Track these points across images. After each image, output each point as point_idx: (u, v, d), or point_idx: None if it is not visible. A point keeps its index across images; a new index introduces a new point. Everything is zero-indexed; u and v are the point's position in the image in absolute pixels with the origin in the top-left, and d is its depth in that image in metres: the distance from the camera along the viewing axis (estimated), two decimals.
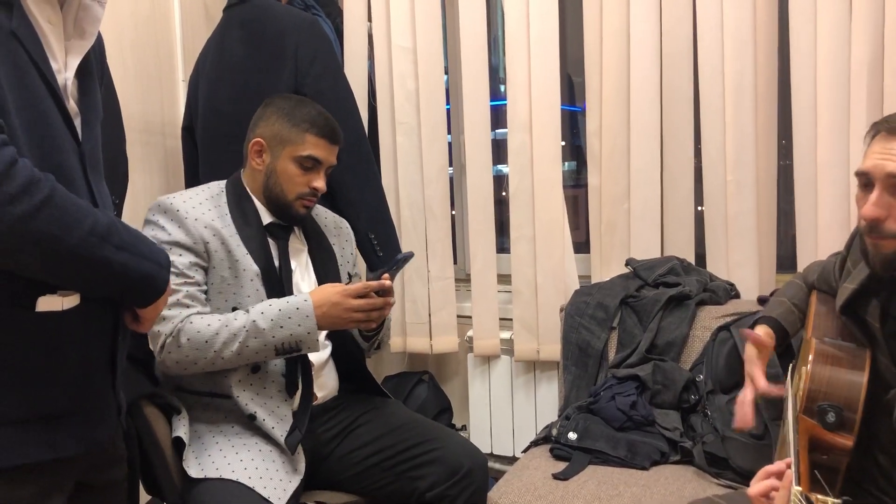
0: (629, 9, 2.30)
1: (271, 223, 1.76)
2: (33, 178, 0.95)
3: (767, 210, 2.27)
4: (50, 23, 1.08)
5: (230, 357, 1.59)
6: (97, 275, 1.05)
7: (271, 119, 1.75)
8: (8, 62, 0.99)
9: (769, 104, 2.24)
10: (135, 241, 1.09)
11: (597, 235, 2.44)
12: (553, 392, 2.50)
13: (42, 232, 0.95)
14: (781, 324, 1.62)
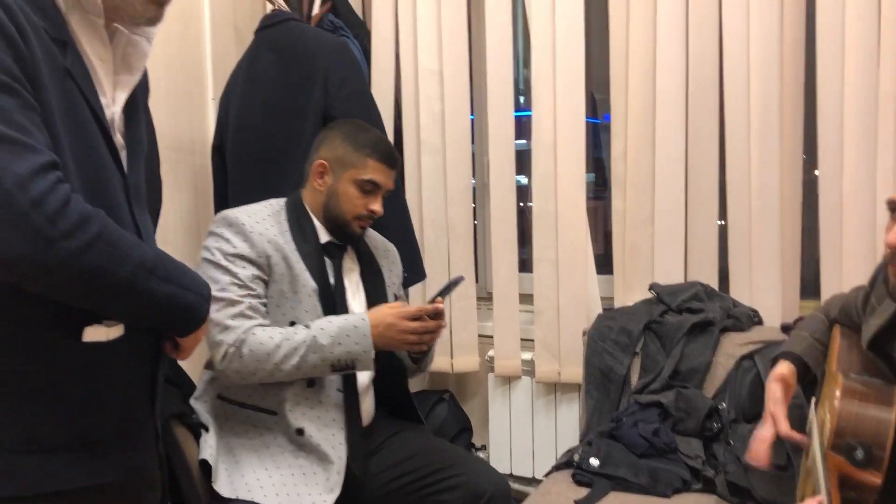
0: (655, 33, 2.31)
1: (328, 242, 1.82)
2: (86, 214, 0.98)
3: (791, 236, 2.27)
4: (101, 59, 1.12)
5: (289, 370, 1.64)
6: (143, 306, 1.08)
7: (335, 142, 1.82)
8: (62, 98, 1.03)
9: (795, 130, 2.24)
10: (179, 273, 1.12)
11: (620, 259, 2.45)
12: (574, 415, 2.51)
13: (94, 266, 0.98)
14: (804, 359, 1.61)
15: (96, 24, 1.09)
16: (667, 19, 2.29)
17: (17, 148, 0.93)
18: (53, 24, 1.04)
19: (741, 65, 2.22)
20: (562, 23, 2.41)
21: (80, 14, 1.08)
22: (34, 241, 0.92)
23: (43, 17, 1.03)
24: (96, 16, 1.09)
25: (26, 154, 0.93)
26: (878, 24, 2.05)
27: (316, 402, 1.71)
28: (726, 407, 1.97)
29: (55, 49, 1.03)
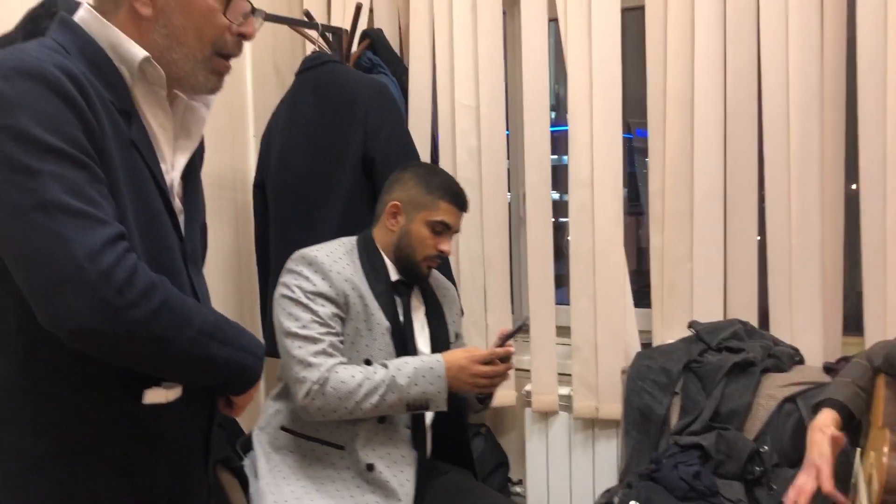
0: (693, 71, 2.31)
1: (397, 280, 1.87)
2: (151, 283, 1.01)
3: (833, 271, 2.25)
4: (162, 127, 1.16)
5: (368, 409, 1.69)
6: (203, 370, 1.11)
7: (408, 184, 1.88)
8: (126, 167, 1.07)
9: (836, 164, 2.22)
10: (236, 336, 1.15)
11: (658, 295, 2.44)
12: (612, 452, 2.49)
13: (159, 334, 1.02)
14: (848, 407, 1.59)
15: (159, 94, 1.14)
16: (704, 55, 2.28)
17: (88, 221, 0.97)
18: (119, 96, 1.09)
19: (780, 102, 2.21)
20: (598, 59, 2.42)
21: (145, 85, 1.12)
22: (103, 312, 0.96)
23: (110, 90, 1.08)
24: (160, 87, 1.13)
25: (96, 227, 0.97)
26: None
27: (386, 439, 1.77)
28: (769, 450, 1.95)
29: (120, 120, 1.08)
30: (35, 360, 1.05)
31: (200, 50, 1.13)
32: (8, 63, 0.99)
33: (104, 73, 1.08)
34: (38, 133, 0.96)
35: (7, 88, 0.97)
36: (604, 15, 2.41)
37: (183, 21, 1.11)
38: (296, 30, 2.62)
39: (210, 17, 1.13)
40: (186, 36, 1.12)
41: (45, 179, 0.95)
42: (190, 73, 1.14)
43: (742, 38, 2.26)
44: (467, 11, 2.60)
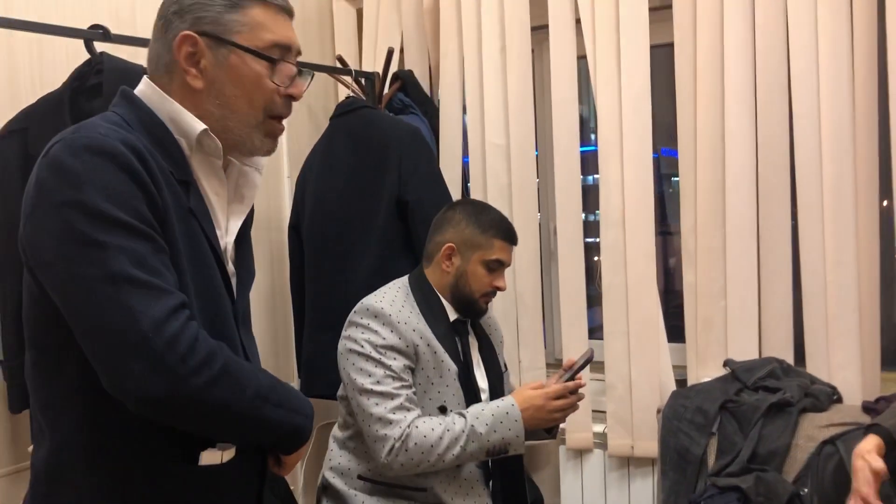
0: (723, 102, 2.32)
1: (455, 320, 1.91)
2: (212, 351, 1.05)
3: (870, 307, 2.23)
4: (217, 195, 1.21)
5: (450, 460, 1.73)
6: (259, 431, 1.15)
7: (460, 225, 1.91)
8: (186, 236, 1.11)
9: (871, 199, 2.21)
10: (288, 397, 1.18)
11: (693, 332, 2.43)
12: (647, 490, 2.48)
13: (219, 399, 1.05)
14: (892, 433, 1.59)
15: (215, 164, 1.18)
16: (734, 90, 2.29)
17: (152, 291, 1.01)
18: (179, 167, 1.14)
19: (812, 138, 2.21)
20: (627, 96, 2.44)
21: (201, 155, 1.17)
22: (168, 380, 1.00)
23: (170, 161, 1.12)
24: (216, 157, 1.18)
25: (160, 297, 1.01)
26: None
27: (462, 479, 1.83)
28: (808, 493, 1.93)
29: (180, 190, 1.12)
30: (96, 422, 1.08)
31: (254, 116, 1.16)
32: (78, 141, 1.04)
33: (164, 145, 1.13)
34: (106, 208, 1.00)
35: (77, 165, 1.01)
36: (633, 51, 2.42)
37: (234, 90, 1.15)
38: (331, 76, 2.67)
39: (259, 84, 1.15)
40: (239, 104, 1.15)
41: (112, 252, 1.00)
42: (246, 139, 1.18)
43: (772, 73, 2.26)
44: (496, 51, 2.63)
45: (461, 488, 1.82)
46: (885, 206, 2.25)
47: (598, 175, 2.54)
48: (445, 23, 2.71)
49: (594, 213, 2.76)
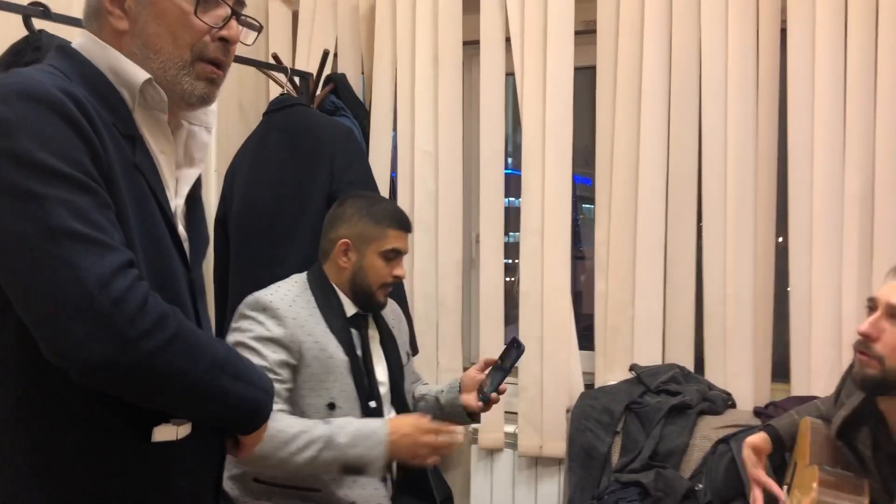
0: (639, 124, 2.47)
1: (354, 314, 1.90)
2: (164, 313, 0.97)
3: (764, 323, 2.41)
4: (163, 153, 1.13)
5: (301, 463, 1.66)
6: (215, 405, 1.06)
7: (353, 220, 1.90)
8: (132, 194, 1.04)
9: (768, 222, 2.40)
10: (246, 371, 1.10)
11: (602, 338, 2.57)
12: (554, 489, 2.59)
13: (172, 366, 0.97)
14: (780, 433, 1.75)
15: (160, 118, 1.11)
16: (649, 113, 2.45)
17: (96, 247, 0.92)
18: (122, 120, 1.06)
19: (719, 161, 2.39)
20: (551, 114, 2.56)
21: (146, 110, 1.10)
22: (116, 343, 0.91)
23: (113, 114, 1.05)
24: (161, 111, 1.10)
25: (105, 253, 0.93)
26: (843, 132, 2.24)
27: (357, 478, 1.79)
28: (703, 489, 2.07)
29: (125, 144, 1.05)
30: (37, 400, 0.99)
31: (179, 56, 1.09)
32: (9, 87, 0.95)
33: (106, 97, 1.05)
34: (42, 157, 0.92)
35: (7, 112, 0.93)
36: (558, 72, 2.55)
37: (157, 28, 1.07)
38: (264, 72, 2.70)
39: (184, 21, 1.08)
40: (162, 43, 1.08)
41: (50, 205, 0.91)
42: (174, 82, 1.09)
43: (685, 102, 2.44)
44: (429, 61, 2.72)
45: (356, 483, 1.78)
46: (781, 241, 2.44)
47: (517, 199, 2.65)
48: (380, 30, 2.78)
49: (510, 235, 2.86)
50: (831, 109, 2.24)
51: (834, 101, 2.24)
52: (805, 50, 2.28)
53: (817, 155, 2.26)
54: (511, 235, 2.90)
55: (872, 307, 1.52)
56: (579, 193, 2.97)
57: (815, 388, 2.27)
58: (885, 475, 1.53)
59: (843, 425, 1.61)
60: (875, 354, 1.47)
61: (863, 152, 2.21)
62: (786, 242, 2.37)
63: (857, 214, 2.21)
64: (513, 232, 2.90)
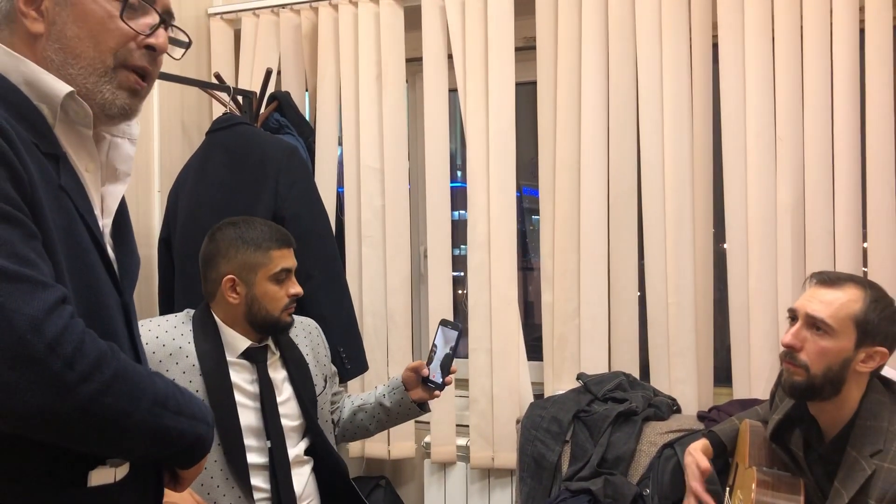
0: (580, 137, 2.52)
1: (249, 347, 1.83)
2: (102, 352, 0.91)
3: (705, 329, 2.48)
4: (87, 171, 1.05)
5: None
6: (157, 443, 1.00)
7: (230, 252, 1.80)
8: (59, 217, 0.96)
9: (706, 231, 2.47)
10: (188, 403, 1.04)
11: (549, 349, 2.60)
12: (506, 499, 2.61)
13: (113, 409, 0.91)
14: (721, 439, 1.80)
15: (83, 134, 1.03)
16: (589, 127, 2.50)
17: (25, 285, 0.85)
18: (43, 138, 0.98)
19: (657, 173, 2.45)
20: (494, 128, 2.60)
21: (67, 125, 1.02)
22: (52, 389, 0.85)
23: (34, 133, 0.97)
24: (85, 126, 1.03)
25: (36, 290, 0.85)
26: (774, 141, 2.32)
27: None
28: (650, 493, 2.11)
29: (48, 165, 0.97)
30: None
31: (101, 61, 1.01)
32: None
33: (23, 113, 0.97)
34: None
35: None
36: (499, 87, 2.60)
37: (77, 30, 1.00)
38: (207, 92, 2.68)
39: (107, 24, 1.01)
40: (82, 47, 1.00)
41: None
42: (94, 90, 1.02)
43: (623, 115, 2.49)
44: (373, 79, 2.74)
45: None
46: (720, 248, 2.52)
47: (465, 211, 2.68)
48: (323, 47, 2.79)
49: (460, 247, 2.88)
50: (762, 119, 2.32)
51: (764, 110, 2.32)
52: (736, 62, 2.36)
53: (750, 164, 2.34)
54: (461, 248, 2.92)
55: (793, 318, 1.58)
56: (528, 205, 3.02)
57: (755, 391, 2.33)
58: (818, 475, 1.59)
59: (777, 428, 1.67)
60: (800, 363, 1.53)
61: (793, 162, 2.30)
62: (723, 251, 2.44)
63: (790, 222, 2.29)
64: (463, 245, 2.93)
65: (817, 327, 1.52)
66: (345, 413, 2.07)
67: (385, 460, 2.82)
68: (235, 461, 1.74)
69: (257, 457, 1.79)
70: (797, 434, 1.63)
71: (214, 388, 1.76)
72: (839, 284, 1.54)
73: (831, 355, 1.51)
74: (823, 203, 2.27)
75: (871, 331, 1.50)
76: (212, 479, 1.74)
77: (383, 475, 2.80)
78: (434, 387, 1.94)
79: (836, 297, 1.52)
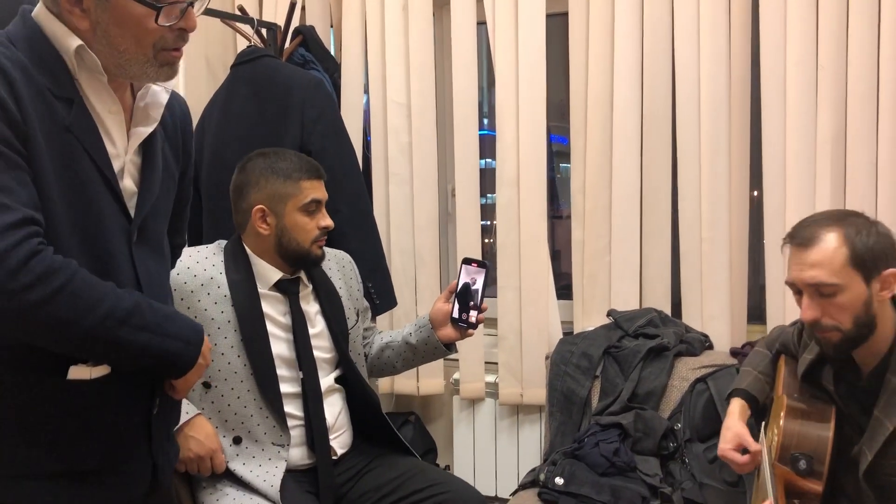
0: (612, 76, 2.45)
1: (281, 279, 1.83)
2: (53, 268, 1.05)
3: (739, 266, 2.43)
4: (110, 113, 1.20)
5: None
6: (116, 353, 1.14)
7: (261, 182, 1.80)
8: (58, 154, 1.11)
9: (742, 165, 2.40)
10: (160, 321, 1.17)
11: (579, 286, 2.57)
12: (535, 435, 2.61)
13: (55, 317, 1.05)
14: (752, 394, 1.76)
15: (102, 80, 1.18)
16: (623, 61, 2.43)
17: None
18: (59, 83, 1.13)
19: (692, 107, 2.38)
20: (524, 62, 2.54)
21: (88, 73, 1.17)
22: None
23: (50, 78, 1.12)
24: (99, 73, 1.17)
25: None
26: (815, 72, 2.23)
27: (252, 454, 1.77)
28: (681, 427, 2.10)
29: (59, 107, 1.12)
30: None
31: (143, 53, 1.16)
32: None
33: (46, 61, 1.12)
34: None
35: None
36: (529, 19, 2.52)
37: (119, 31, 1.14)
38: (230, 24, 2.64)
39: (143, 25, 1.15)
40: (126, 44, 1.15)
41: None
42: (141, 73, 1.18)
43: (658, 46, 2.42)
44: (398, 11, 2.68)
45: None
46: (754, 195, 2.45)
47: (490, 159, 2.62)
48: None
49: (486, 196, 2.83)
50: (803, 47, 2.23)
51: (806, 38, 2.22)
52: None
53: (790, 94, 2.25)
54: (487, 197, 2.88)
55: (797, 291, 1.53)
56: (556, 150, 2.96)
57: None
58: (853, 410, 1.56)
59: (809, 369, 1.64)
60: (829, 328, 1.48)
61: (835, 92, 2.21)
62: (760, 186, 2.38)
63: (830, 156, 2.21)
64: (489, 193, 2.89)
65: (823, 291, 1.47)
66: (373, 349, 2.07)
67: (414, 396, 2.83)
68: (268, 390, 1.75)
69: (290, 386, 1.80)
70: (828, 369, 1.60)
71: (246, 318, 1.76)
72: (816, 239, 1.47)
73: (852, 306, 1.46)
74: (866, 134, 2.19)
75: (870, 261, 1.45)
76: (245, 409, 1.75)
77: (412, 411, 2.82)
78: (466, 326, 1.90)
79: (820, 253, 1.46)
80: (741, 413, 1.71)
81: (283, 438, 1.76)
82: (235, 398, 1.75)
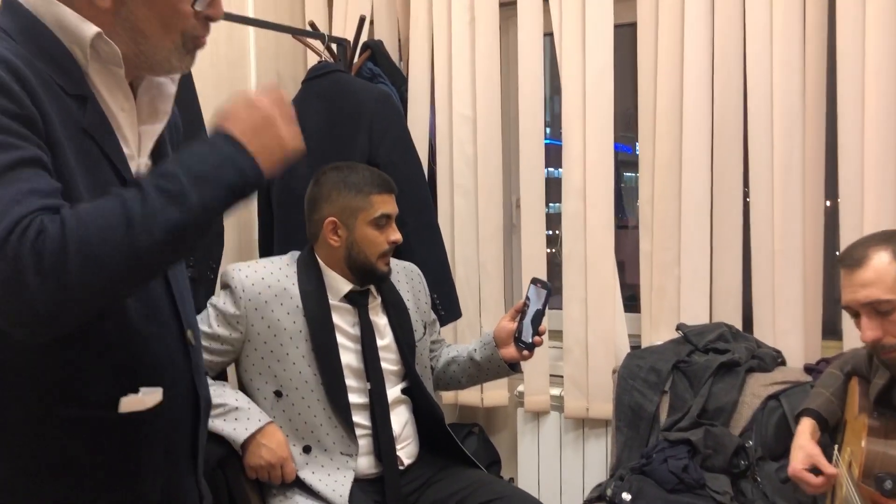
0: (682, 83, 2.42)
1: (351, 291, 1.87)
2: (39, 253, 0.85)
3: (814, 279, 2.36)
4: (123, 110, 1.07)
5: None
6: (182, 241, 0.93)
7: (333, 195, 1.84)
8: (81, 160, 0.99)
9: (816, 175, 2.33)
10: (180, 176, 0.93)
11: (647, 299, 2.54)
12: (601, 450, 2.58)
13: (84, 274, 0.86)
14: (822, 415, 1.72)
15: (117, 74, 1.05)
16: (693, 70, 2.39)
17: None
18: (71, 79, 1.01)
19: (765, 117, 2.32)
20: (591, 73, 2.52)
21: (100, 66, 1.04)
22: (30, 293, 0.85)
23: (61, 74, 0.99)
24: (116, 65, 1.04)
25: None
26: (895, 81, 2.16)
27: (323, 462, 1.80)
28: (753, 445, 2.05)
29: (73, 106, 1.00)
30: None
31: (170, 39, 1.04)
32: None
33: (52, 55, 0.99)
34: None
35: None
36: (597, 30, 2.51)
37: (146, 12, 1.02)
38: (300, 40, 2.70)
39: (176, 6, 1.03)
40: (152, 28, 1.03)
41: None
42: (163, 62, 1.06)
43: (729, 55, 2.37)
44: (465, 24, 2.70)
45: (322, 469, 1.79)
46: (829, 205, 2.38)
47: (558, 169, 2.61)
48: None
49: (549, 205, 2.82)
50: (883, 55, 2.15)
51: (886, 45, 2.15)
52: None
53: (868, 104, 2.18)
54: (550, 206, 2.87)
55: (854, 314, 1.53)
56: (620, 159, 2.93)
57: None
58: None
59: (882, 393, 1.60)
60: (891, 346, 1.49)
61: None
62: (835, 196, 2.31)
63: None
64: (552, 203, 2.87)
65: (880, 309, 1.46)
66: (440, 363, 2.08)
67: (478, 408, 2.83)
68: (337, 400, 1.78)
69: (358, 397, 1.83)
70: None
71: (317, 329, 1.80)
72: (866, 259, 1.49)
73: None
74: None
75: None
76: (315, 418, 1.78)
77: (476, 422, 2.82)
78: (524, 346, 1.88)
79: (873, 272, 1.48)
80: (812, 433, 1.68)
81: (352, 448, 1.78)
82: (306, 407, 1.79)
